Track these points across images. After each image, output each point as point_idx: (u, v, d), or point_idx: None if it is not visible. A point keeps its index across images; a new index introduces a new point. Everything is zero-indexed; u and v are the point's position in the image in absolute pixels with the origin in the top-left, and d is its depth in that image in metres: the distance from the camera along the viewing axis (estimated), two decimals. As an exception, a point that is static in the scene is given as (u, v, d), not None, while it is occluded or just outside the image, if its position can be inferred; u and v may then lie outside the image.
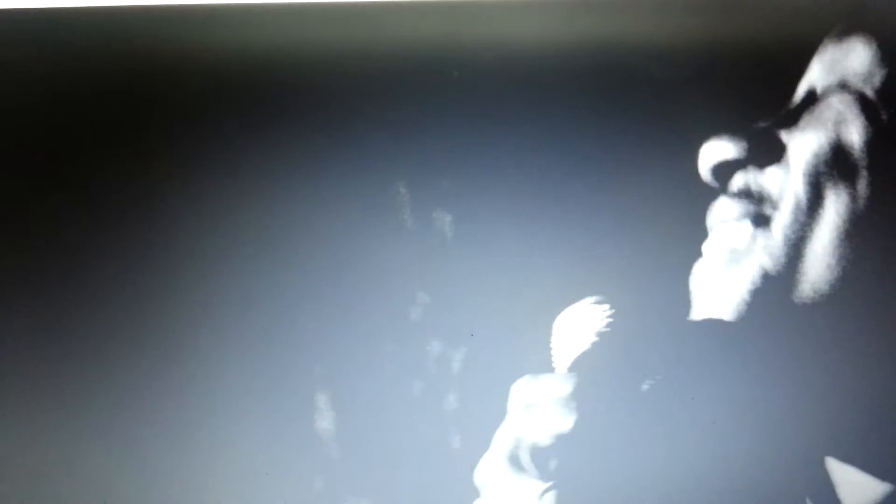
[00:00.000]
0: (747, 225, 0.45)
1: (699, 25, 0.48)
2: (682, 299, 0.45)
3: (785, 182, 0.45)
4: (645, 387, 0.45)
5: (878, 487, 0.44)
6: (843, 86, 0.45)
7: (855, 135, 0.44)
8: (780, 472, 0.44)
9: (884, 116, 0.45)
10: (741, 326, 0.45)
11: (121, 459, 0.46)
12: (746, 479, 0.44)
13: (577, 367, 0.45)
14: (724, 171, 0.46)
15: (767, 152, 0.45)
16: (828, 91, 0.45)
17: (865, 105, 0.45)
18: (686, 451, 0.44)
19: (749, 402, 0.45)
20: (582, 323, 0.45)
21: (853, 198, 0.44)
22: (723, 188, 0.46)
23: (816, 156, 0.45)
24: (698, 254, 0.46)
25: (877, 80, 0.45)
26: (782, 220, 0.45)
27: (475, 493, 0.45)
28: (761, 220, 0.45)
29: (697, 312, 0.45)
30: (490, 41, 0.48)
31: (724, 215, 0.46)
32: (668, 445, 0.44)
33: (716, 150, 0.46)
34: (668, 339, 0.45)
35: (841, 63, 0.46)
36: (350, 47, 0.48)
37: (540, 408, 0.45)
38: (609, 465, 0.44)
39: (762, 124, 0.46)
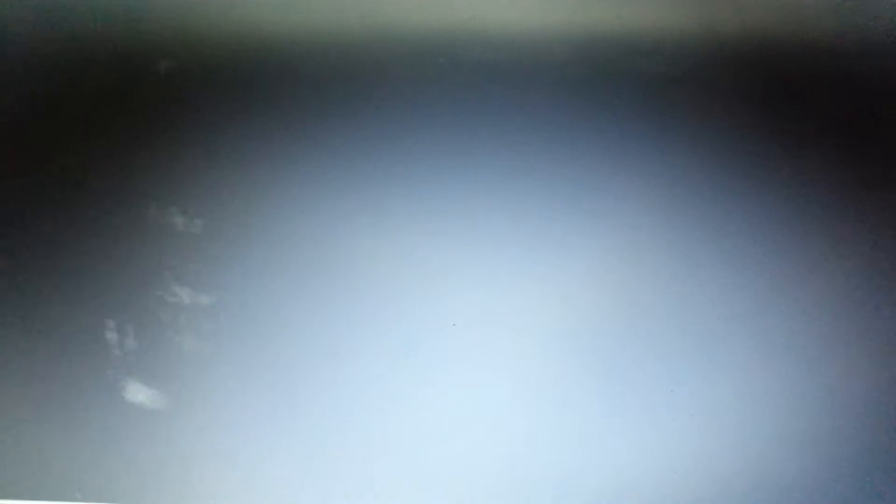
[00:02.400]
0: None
1: (694, 19, 0.47)
2: (666, 294, 0.46)
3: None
4: (625, 379, 0.45)
5: (858, 482, 0.44)
6: None
7: None
8: (761, 465, 0.45)
9: None
10: (724, 322, 0.45)
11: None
12: (726, 472, 0.45)
13: (558, 360, 0.45)
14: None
15: None
16: None
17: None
18: (665, 443, 0.45)
19: (729, 396, 0.45)
20: (565, 317, 0.46)
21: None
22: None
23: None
24: (681, 250, 0.46)
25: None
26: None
27: (460, 483, 0.45)
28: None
29: (681, 308, 0.46)
30: (478, 30, 0.48)
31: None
32: (648, 437, 0.45)
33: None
34: (650, 333, 0.45)
35: None
36: (336, 33, 0.48)
37: (520, 399, 0.45)
38: (589, 456, 0.45)
39: None
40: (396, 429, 0.45)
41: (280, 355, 0.46)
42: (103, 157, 0.47)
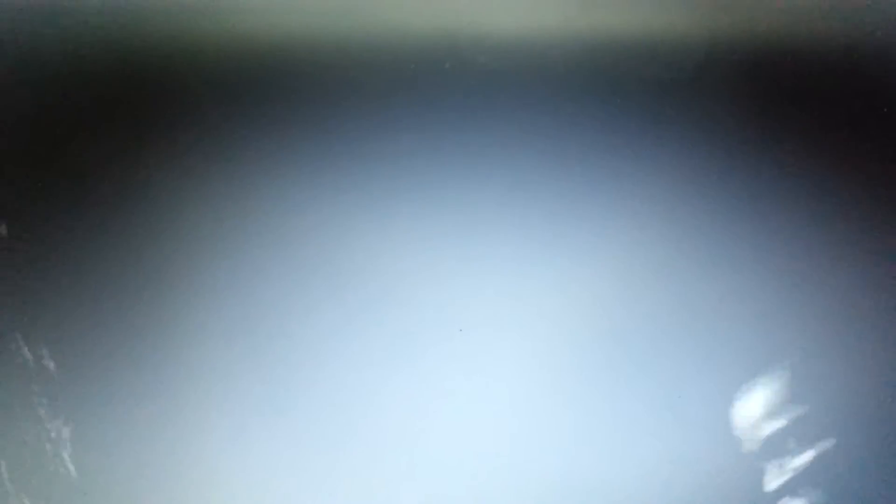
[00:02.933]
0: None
1: (698, 22, 0.48)
2: (671, 297, 0.46)
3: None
4: (632, 384, 0.45)
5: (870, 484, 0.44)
6: None
7: None
8: (766, 471, 0.44)
9: None
10: (729, 325, 0.45)
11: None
12: (731, 478, 0.44)
13: (566, 366, 0.45)
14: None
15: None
16: None
17: None
18: (672, 448, 0.45)
19: (737, 400, 0.45)
20: (572, 322, 0.45)
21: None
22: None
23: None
24: (687, 254, 0.46)
25: None
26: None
27: (464, 490, 0.45)
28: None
29: (686, 311, 0.46)
30: (482, 34, 0.48)
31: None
32: (654, 443, 0.45)
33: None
34: (656, 337, 0.45)
35: None
36: (339, 36, 0.48)
37: (527, 405, 0.45)
38: (597, 463, 0.45)
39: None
40: (398, 435, 0.45)
41: (277, 358, 0.46)
42: (105, 161, 0.47)
